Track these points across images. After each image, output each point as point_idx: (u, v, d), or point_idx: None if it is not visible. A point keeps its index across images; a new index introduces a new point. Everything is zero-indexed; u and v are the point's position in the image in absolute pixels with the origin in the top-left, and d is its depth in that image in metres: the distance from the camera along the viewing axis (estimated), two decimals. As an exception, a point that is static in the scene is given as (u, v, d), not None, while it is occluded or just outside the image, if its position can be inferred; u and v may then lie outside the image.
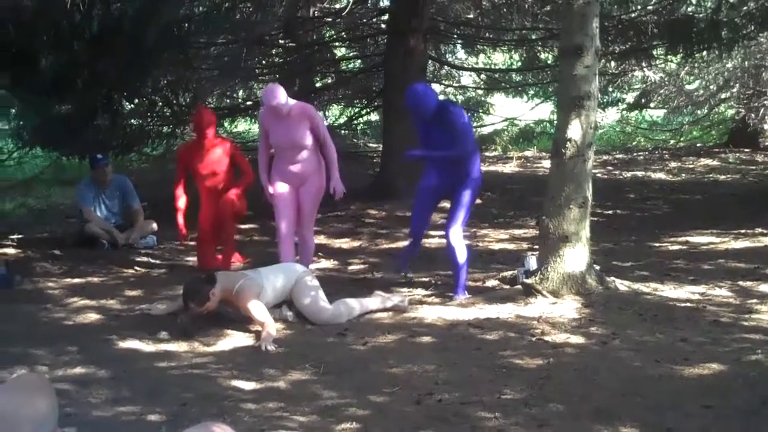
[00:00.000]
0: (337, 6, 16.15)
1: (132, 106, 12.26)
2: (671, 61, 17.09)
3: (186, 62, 11.62)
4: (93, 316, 6.87)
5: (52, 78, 8.30)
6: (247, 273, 6.69)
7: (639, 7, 13.64)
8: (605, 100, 18.43)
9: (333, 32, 16.59)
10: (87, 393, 5.09)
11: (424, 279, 7.73)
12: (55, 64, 8.23)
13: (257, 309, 6.23)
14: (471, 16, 15.40)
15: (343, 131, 17.06)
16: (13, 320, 6.74)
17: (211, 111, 8.91)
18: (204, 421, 2.35)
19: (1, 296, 7.42)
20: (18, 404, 2.22)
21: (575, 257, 6.92)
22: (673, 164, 16.17)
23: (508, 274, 7.50)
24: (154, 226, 9.66)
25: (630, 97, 20.11)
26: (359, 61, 17.21)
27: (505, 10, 14.61)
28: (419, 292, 7.37)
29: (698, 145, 19.21)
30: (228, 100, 17.46)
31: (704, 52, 13.35)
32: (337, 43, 16.98)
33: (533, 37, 15.36)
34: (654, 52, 13.95)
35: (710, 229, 9.90)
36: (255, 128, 19.24)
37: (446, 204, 7.56)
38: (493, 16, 15.21)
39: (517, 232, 10.22)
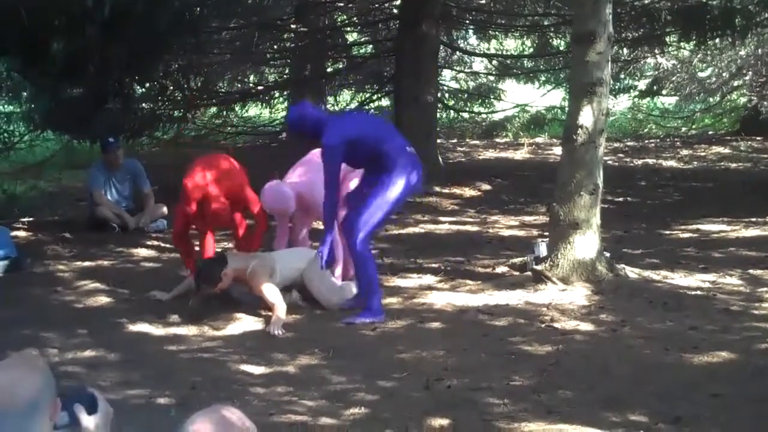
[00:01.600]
0: (349, -9, 16.12)
1: (143, 90, 12.28)
2: (684, 48, 17.01)
3: (197, 47, 11.61)
4: (103, 300, 6.90)
5: (64, 62, 8.30)
6: (261, 254, 6.70)
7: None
8: (617, 87, 18.36)
9: (345, 17, 16.55)
10: (97, 376, 5.11)
11: (433, 265, 7.72)
12: (66, 49, 8.23)
13: (270, 291, 6.23)
14: (483, 1, 15.38)
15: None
16: (23, 303, 6.77)
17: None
18: (213, 404, 2.35)
19: (12, 279, 7.46)
20: (14, 382, 2.25)
21: (585, 244, 6.91)
22: (684, 152, 16.11)
23: (518, 260, 7.48)
24: (165, 210, 9.65)
25: (642, 84, 20.03)
26: (371, 46, 17.17)
27: (517, -5, 14.59)
28: (429, 278, 7.36)
29: (710, 132, 19.14)
30: (239, 85, 17.47)
31: (717, 40, 13.29)
32: (348, 28, 16.96)
33: (545, 23, 15.32)
34: (667, 39, 13.89)
35: (721, 217, 9.87)
36: (266, 113, 19.25)
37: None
38: (506, 2, 15.18)
39: (528, 218, 10.20)
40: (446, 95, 18.07)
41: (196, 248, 7.18)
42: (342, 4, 15.69)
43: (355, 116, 6.67)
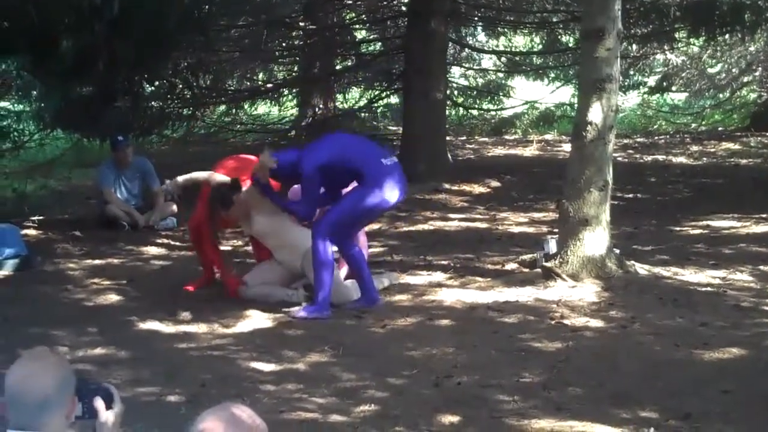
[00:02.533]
0: (358, -12, 16.12)
1: (152, 88, 12.29)
2: (693, 44, 16.96)
3: (206, 45, 11.63)
4: (113, 297, 6.91)
5: (73, 60, 8.32)
6: None
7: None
8: (626, 84, 18.28)
9: (353, 14, 16.55)
10: (107, 374, 5.12)
11: (442, 262, 7.72)
12: (76, 47, 8.25)
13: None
14: (492, -2, 15.33)
15: (363, 114, 17.04)
16: (34, 301, 6.78)
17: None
18: (223, 402, 2.35)
19: (23, 277, 7.48)
20: (26, 378, 2.27)
21: (595, 241, 6.90)
22: (694, 148, 16.05)
23: (527, 257, 7.47)
24: (174, 208, 9.66)
25: (651, 81, 19.97)
26: (379, 43, 17.16)
27: (526, -8, 14.56)
28: (438, 275, 7.36)
29: (720, 128, 19.06)
30: (248, 83, 17.48)
31: (727, 35, 13.23)
32: (357, 26, 16.95)
33: (554, 19, 15.28)
34: (676, 35, 13.85)
35: (731, 213, 9.84)
36: (275, 110, 19.28)
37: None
38: (515, -2, 15.13)
39: (537, 215, 10.18)
40: (455, 92, 18.03)
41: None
42: (350, 2, 15.70)
43: (327, 141, 6.61)
